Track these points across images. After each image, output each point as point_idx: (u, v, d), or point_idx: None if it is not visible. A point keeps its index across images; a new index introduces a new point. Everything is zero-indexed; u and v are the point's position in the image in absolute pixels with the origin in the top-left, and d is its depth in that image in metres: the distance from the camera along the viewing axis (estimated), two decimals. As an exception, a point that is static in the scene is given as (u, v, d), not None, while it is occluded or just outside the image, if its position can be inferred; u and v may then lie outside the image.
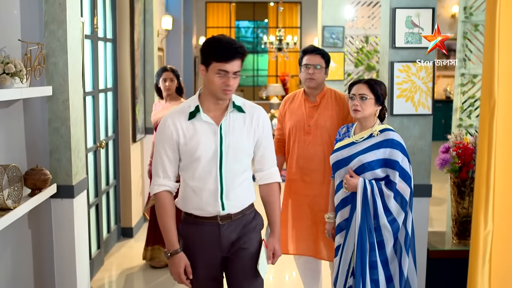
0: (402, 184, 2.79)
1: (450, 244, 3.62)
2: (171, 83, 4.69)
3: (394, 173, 2.79)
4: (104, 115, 5.13)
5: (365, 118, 2.90)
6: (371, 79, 2.94)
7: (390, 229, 2.80)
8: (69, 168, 3.29)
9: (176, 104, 4.70)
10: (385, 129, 2.89)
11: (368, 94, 2.87)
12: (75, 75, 3.35)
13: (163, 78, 4.69)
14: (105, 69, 5.11)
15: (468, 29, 4.30)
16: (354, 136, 2.94)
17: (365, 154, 2.85)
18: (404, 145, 2.85)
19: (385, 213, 2.78)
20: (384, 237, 2.81)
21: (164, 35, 7.73)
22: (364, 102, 2.86)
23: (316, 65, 3.45)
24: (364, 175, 2.85)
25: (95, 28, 4.67)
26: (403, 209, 2.80)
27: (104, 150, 5.14)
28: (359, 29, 6.78)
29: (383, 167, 2.82)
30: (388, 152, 2.81)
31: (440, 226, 5.93)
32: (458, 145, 3.49)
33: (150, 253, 4.86)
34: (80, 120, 3.46)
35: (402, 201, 2.79)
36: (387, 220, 2.79)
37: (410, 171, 2.83)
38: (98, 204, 4.84)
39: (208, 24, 14.10)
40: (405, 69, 3.37)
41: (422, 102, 3.41)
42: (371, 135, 2.88)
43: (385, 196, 2.78)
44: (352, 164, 2.89)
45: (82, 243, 3.48)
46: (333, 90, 3.55)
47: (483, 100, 1.82)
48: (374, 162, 2.83)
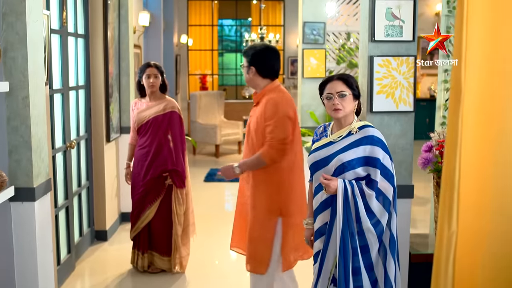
0: (384, 182, 2.64)
1: (433, 247, 3.46)
2: (155, 79, 4.45)
3: (375, 171, 2.63)
4: (75, 114, 4.92)
5: (346, 116, 2.75)
6: (342, 74, 2.80)
7: (375, 232, 2.64)
8: (29, 169, 3.09)
9: (161, 102, 4.51)
10: (364, 126, 2.73)
11: (346, 90, 2.72)
12: (36, 70, 3.14)
13: (146, 75, 4.45)
14: (76, 65, 4.90)
15: (451, 24, 4.16)
16: (332, 135, 2.78)
17: (345, 153, 2.68)
18: (385, 142, 2.70)
19: (368, 215, 2.63)
20: (369, 241, 2.65)
21: (141, 31, 7.52)
22: (344, 100, 2.70)
23: (242, 64, 3.48)
24: (345, 175, 2.68)
25: (64, 23, 4.47)
26: (386, 209, 2.65)
27: (76, 150, 4.93)
28: (340, 26, 6.63)
29: (364, 165, 2.66)
30: (369, 150, 2.65)
31: (424, 228, 5.79)
32: (441, 143, 3.33)
33: (146, 260, 4.62)
34: (43, 118, 3.26)
35: (385, 200, 2.64)
36: (371, 223, 2.63)
37: (393, 169, 2.68)
38: (68, 207, 4.63)
39: (190, 22, 13.89)
40: (385, 64, 3.21)
41: (404, 99, 3.25)
42: (350, 133, 2.72)
43: (366, 196, 2.62)
44: (331, 164, 2.72)
45: (45, 248, 3.28)
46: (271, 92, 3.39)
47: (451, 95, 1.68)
48: (354, 160, 2.66)
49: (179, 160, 4.50)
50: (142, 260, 4.61)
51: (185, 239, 4.64)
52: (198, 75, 14.06)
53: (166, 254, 4.59)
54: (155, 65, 4.49)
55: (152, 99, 4.51)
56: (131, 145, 4.71)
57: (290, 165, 3.36)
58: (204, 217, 6.18)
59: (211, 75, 14.28)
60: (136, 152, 4.59)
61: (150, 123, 4.45)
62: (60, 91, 4.44)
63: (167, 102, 4.52)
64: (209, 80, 14.11)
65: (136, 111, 4.56)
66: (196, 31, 14.22)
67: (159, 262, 4.62)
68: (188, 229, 4.65)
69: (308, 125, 6.29)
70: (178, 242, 4.54)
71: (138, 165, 4.55)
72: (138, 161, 4.55)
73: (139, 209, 4.53)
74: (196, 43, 14.19)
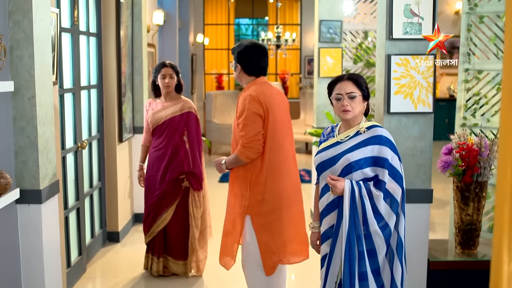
0: (392, 183, 2.54)
1: (453, 254, 3.32)
2: (170, 80, 4.35)
3: (383, 171, 2.54)
4: (87, 114, 4.86)
5: (355, 117, 2.65)
6: (352, 74, 2.70)
7: (382, 235, 2.54)
8: (36, 171, 3.02)
9: (177, 102, 4.40)
10: (372, 126, 2.64)
11: (356, 91, 2.62)
12: (43, 69, 3.07)
13: (162, 75, 4.35)
14: (88, 65, 4.83)
15: (472, 21, 4.01)
16: (339, 136, 2.68)
17: (352, 153, 2.59)
18: (394, 142, 2.61)
19: (376, 217, 2.52)
20: (376, 245, 2.54)
21: (156, 30, 7.45)
22: (353, 101, 2.61)
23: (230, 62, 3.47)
24: (352, 175, 2.58)
25: (75, 21, 4.40)
26: (394, 211, 2.54)
27: (87, 150, 4.87)
28: (358, 24, 6.48)
29: (372, 165, 2.57)
30: (377, 150, 2.56)
31: (443, 231, 5.64)
32: (462, 146, 3.19)
33: (161, 264, 4.50)
34: (50, 118, 3.18)
35: (393, 202, 2.54)
36: (378, 226, 2.53)
37: (401, 170, 2.58)
38: (80, 208, 4.56)
39: (206, 21, 13.82)
40: (403, 63, 3.07)
41: (422, 99, 3.11)
42: (358, 133, 2.63)
43: (374, 197, 2.52)
44: (338, 164, 2.61)
45: (53, 251, 3.20)
46: (249, 89, 3.35)
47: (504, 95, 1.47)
48: (362, 160, 2.57)
49: (196, 161, 4.39)
50: (157, 265, 4.50)
51: (202, 242, 4.53)
52: (214, 75, 13.98)
53: (182, 258, 4.50)
54: (170, 65, 4.38)
55: (168, 99, 4.41)
56: (144, 146, 4.58)
57: (269, 163, 3.28)
58: (220, 218, 6.06)
59: (227, 74, 14.20)
60: (151, 154, 4.46)
61: (166, 124, 4.35)
62: (71, 91, 4.37)
63: (184, 102, 4.41)
64: (225, 80, 14.04)
65: (151, 112, 4.44)
66: (212, 30, 14.15)
67: (174, 266, 4.52)
68: (205, 231, 4.54)
69: (324, 126, 6.15)
70: (195, 246, 4.44)
71: (153, 167, 4.42)
72: (153, 163, 4.43)
73: (155, 213, 4.41)
74: (213, 42, 14.12)
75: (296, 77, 14.04)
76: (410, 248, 3.15)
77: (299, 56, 13.92)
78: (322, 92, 6.15)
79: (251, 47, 3.38)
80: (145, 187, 4.51)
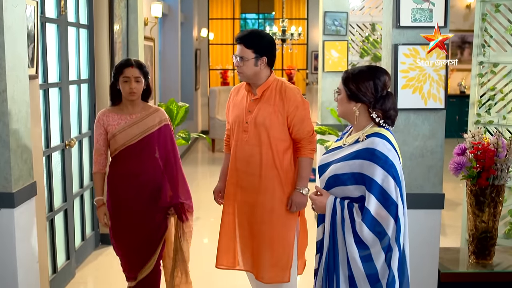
0: (382, 211, 2.10)
1: (466, 264, 3.03)
2: (136, 84, 3.21)
3: (369, 197, 2.11)
4: (77, 110, 4.60)
5: (347, 118, 2.32)
6: (358, 68, 2.30)
7: (362, 268, 2.13)
8: (7, 172, 2.76)
9: (149, 113, 3.31)
10: (373, 134, 2.22)
11: (341, 88, 2.29)
12: (16, 61, 2.81)
13: (124, 77, 3.21)
14: (77, 58, 4.57)
15: (487, 10, 3.71)
16: (346, 139, 2.35)
17: (339, 164, 2.23)
18: (393, 159, 2.14)
19: (358, 246, 2.13)
20: (355, 276, 2.13)
21: (154, 23, 7.18)
22: (337, 98, 2.32)
23: (240, 56, 3.03)
24: (335, 190, 2.24)
25: (62, 11, 4.13)
26: (383, 246, 2.11)
27: (77, 148, 4.61)
28: (365, 16, 6.19)
29: (358, 184, 2.17)
30: (366, 166, 2.13)
31: (454, 234, 5.34)
32: (477, 146, 2.90)
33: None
34: (25, 114, 2.92)
35: (381, 234, 2.10)
36: (360, 256, 2.13)
37: (396, 194, 2.11)
38: (67, 209, 4.30)
39: (211, 15, 13.54)
40: (412, 54, 2.78)
41: (433, 94, 2.82)
42: (357, 141, 2.25)
43: (356, 226, 2.12)
44: (326, 173, 2.28)
45: (28, 259, 2.95)
46: (282, 82, 3.10)
47: None
48: (346, 175, 2.18)
49: (183, 185, 3.44)
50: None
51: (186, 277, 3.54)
52: (219, 70, 13.71)
53: None
54: (137, 63, 3.26)
55: (134, 109, 3.29)
56: (99, 174, 3.34)
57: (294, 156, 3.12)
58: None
59: (233, 70, 13.92)
60: (118, 183, 3.31)
61: (144, 143, 3.26)
62: (57, 85, 4.11)
63: (158, 112, 3.34)
64: (230, 75, 13.76)
65: (111, 129, 3.27)
66: (217, 25, 13.87)
67: None
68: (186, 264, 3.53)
69: (329, 123, 5.87)
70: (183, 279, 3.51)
71: (128, 201, 3.29)
72: (126, 195, 3.29)
73: (143, 259, 3.37)
74: (218, 37, 13.84)
75: (303, 73, 13.73)
76: (419, 258, 2.87)
77: (305, 51, 13.62)
78: (326, 88, 5.86)
79: (271, 37, 3.11)
80: (115, 227, 3.35)
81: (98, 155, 3.36)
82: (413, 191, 2.89)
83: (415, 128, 2.88)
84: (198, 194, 2.96)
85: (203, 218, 5.80)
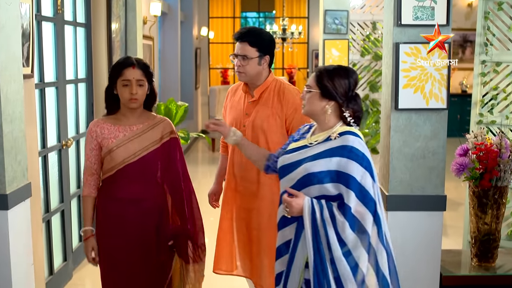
0: (361, 208, 2.08)
1: (468, 267, 2.97)
2: (139, 89, 2.65)
3: (348, 193, 2.08)
4: (74, 109, 4.55)
5: (315, 116, 2.27)
6: (331, 66, 2.28)
7: (346, 263, 2.08)
8: (1, 173, 2.70)
9: (152, 124, 2.74)
10: (346, 132, 2.19)
11: (313, 85, 2.24)
12: (10, 60, 2.75)
13: (123, 80, 2.63)
14: (75, 57, 4.52)
15: (490, 8, 3.65)
16: (310, 138, 2.29)
17: (314, 162, 2.16)
18: (369, 157, 2.14)
19: (339, 244, 2.09)
20: (341, 274, 2.09)
21: (153, 21, 7.13)
22: (307, 95, 2.26)
23: (243, 55, 2.91)
24: (309, 190, 2.16)
25: (59, 10, 4.08)
26: (365, 244, 2.08)
27: (75, 148, 4.56)
28: (366, 14, 6.13)
29: (335, 181, 2.12)
30: (344, 164, 2.11)
31: (455, 235, 5.28)
32: (479, 146, 2.84)
33: None
34: (20, 115, 2.86)
35: (361, 233, 2.08)
36: (342, 253, 2.08)
37: (374, 191, 2.11)
38: (64, 210, 4.25)
39: (211, 14, 13.49)
40: (413, 52, 2.72)
41: (435, 93, 2.76)
42: (328, 139, 2.21)
43: (337, 224, 2.07)
44: (296, 172, 2.20)
45: (22, 261, 2.89)
46: (280, 82, 3.01)
47: None
48: (323, 173, 2.13)
49: (197, 213, 2.86)
50: None
51: None
52: (219, 69, 13.66)
53: None
54: (139, 63, 2.68)
55: (134, 120, 2.73)
56: (90, 198, 2.79)
57: None
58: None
59: (233, 69, 13.87)
60: (116, 210, 2.72)
61: (146, 161, 2.70)
62: (54, 85, 4.06)
63: (162, 123, 2.78)
64: (231, 74, 13.72)
65: (106, 143, 2.69)
66: (217, 24, 13.81)
67: None
68: None
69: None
70: None
71: (124, 234, 2.72)
72: (125, 226, 2.71)
73: None
74: (218, 36, 13.79)
75: (304, 72, 13.68)
76: (421, 261, 2.83)
77: (306, 50, 13.56)
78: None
79: (271, 35, 3.05)
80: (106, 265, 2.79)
81: (88, 175, 2.78)
82: (415, 192, 2.83)
83: (417, 128, 2.82)
84: (198, 193, 2.85)
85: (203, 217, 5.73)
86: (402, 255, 2.83)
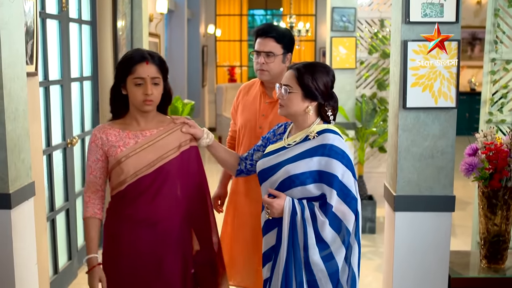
0: (342, 206, 2.05)
1: (477, 269, 2.91)
2: (155, 89, 2.24)
3: (330, 192, 2.04)
4: (79, 107, 4.52)
5: (294, 117, 2.20)
6: (310, 64, 2.20)
7: (324, 268, 2.05)
8: (4, 172, 2.67)
9: (168, 130, 2.31)
10: (324, 130, 2.14)
11: (293, 85, 2.16)
12: (13, 58, 2.72)
13: (136, 78, 2.22)
14: (80, 55, 4.49)
15: (500, 5, 3.58)
16: (288, 139, 2.23)
17: (295, 163, 2.10)
18: (349, 154, 2.11)
19: (318, 246, 2.05)
20: (317, 278, 2.06)
21: (160, 19, 7.09)
22: (287, 96, 2.16)
23: (268, 52, 2.78)
24: (292, 192, 2.11)
25: (64, 7, 4.05)
26: (344, 242, 2.06)
27: (80, 146, 4.54)
28: (373, 12, 6.06)
29: (317, 182, 2.08)
30: (324, 163, 2.06)
31: (464, 235, 5.22)
32: (489, 146, 2.79)
33: None
34: (23, 113, 2.84)
35: (342, 230, 2.05)
36: (321, 256, 2.05)
37: (355, 189, 2.08)
38: (69, 209, 4.23)
39: (218, 11, 13.45)
40: (421, 50, 2.67)
41: (444, 92, 2.71)
42: (307, 138, 2.15)
43: (318, 224, 2.04)
44: (277, 176, 2.14)
45: (26, 261, 2.87)
46: None
47: None
48: (305, 174, 2.07)
49: (215, 235, 2.44)
50: None
51: None
52: (227, 67, 13.62)
53: None
54: (155, 57, 2.26)
55: (146, 124, 2.31)
56: (94, 220, 2.34)
57: None
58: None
59: (240, 66, 13.83)
60: (128, 234, 2.27)
61: (164, 173, 2.27)
62: (58, 83, 4.04)
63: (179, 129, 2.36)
64: (238, 72, 13.68)
65: (114, 152, 2.26)
66: (225, 21, 13.77)
67: None
68: None
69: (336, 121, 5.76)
70: None
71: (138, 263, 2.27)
72: (139, 253, 2.27)
73: None
74: (225, 33, 13.74)
75: (311, 70, 13.63)
76: (429, 262, 2.78)
77: (313, 48, 13.49)
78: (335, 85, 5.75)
79: None
80: None
81: (92, 192, 2.35)
82: (423, 193, 2.78)
83: (425, 127, 2.77)
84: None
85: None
86: (410, 256, 2.78)
